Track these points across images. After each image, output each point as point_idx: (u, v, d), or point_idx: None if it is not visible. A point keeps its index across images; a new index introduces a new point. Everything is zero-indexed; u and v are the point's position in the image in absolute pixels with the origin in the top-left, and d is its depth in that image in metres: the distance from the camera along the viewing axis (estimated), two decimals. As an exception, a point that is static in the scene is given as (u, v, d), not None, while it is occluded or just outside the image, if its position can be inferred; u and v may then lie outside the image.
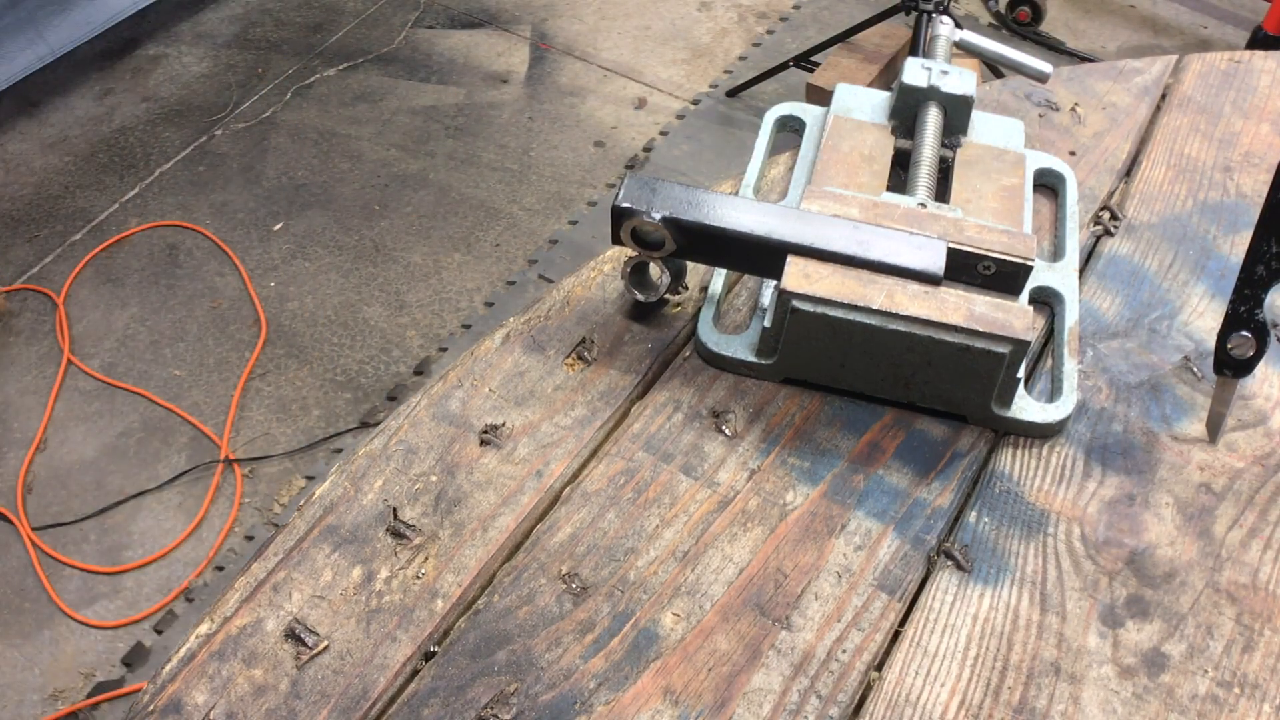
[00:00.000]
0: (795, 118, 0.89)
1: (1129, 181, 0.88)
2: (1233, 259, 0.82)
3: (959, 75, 0.81)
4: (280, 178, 2.39)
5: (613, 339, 0.75)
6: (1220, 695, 0.60)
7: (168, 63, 2.67)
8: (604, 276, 0.79)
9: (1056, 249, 0.81)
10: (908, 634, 0.62)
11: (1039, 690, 0.60)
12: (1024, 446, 0.71)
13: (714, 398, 0.72)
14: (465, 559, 0.64)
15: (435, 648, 0.60)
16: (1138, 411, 0.73)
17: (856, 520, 0.66)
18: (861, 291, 0.66)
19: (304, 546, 0.64)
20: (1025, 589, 0.64)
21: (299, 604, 0.62)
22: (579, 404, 0.71)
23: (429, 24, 2.79)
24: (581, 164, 2.45)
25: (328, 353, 2.08)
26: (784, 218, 0.68)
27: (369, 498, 0.66)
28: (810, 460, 0.69)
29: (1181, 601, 0.64)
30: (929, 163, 0.78)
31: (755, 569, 0.64)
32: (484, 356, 0.74)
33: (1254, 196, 0.87)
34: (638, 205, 0.67)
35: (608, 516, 0.66)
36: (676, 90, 2.64)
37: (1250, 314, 0.67)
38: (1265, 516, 0.68)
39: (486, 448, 0.69)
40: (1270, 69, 0.98)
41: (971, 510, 0.67)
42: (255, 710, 0.58)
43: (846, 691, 0.59)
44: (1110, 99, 0.95)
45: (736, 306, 0.77)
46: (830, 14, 2.86)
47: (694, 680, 0.59)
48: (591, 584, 0.63)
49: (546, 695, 0.59)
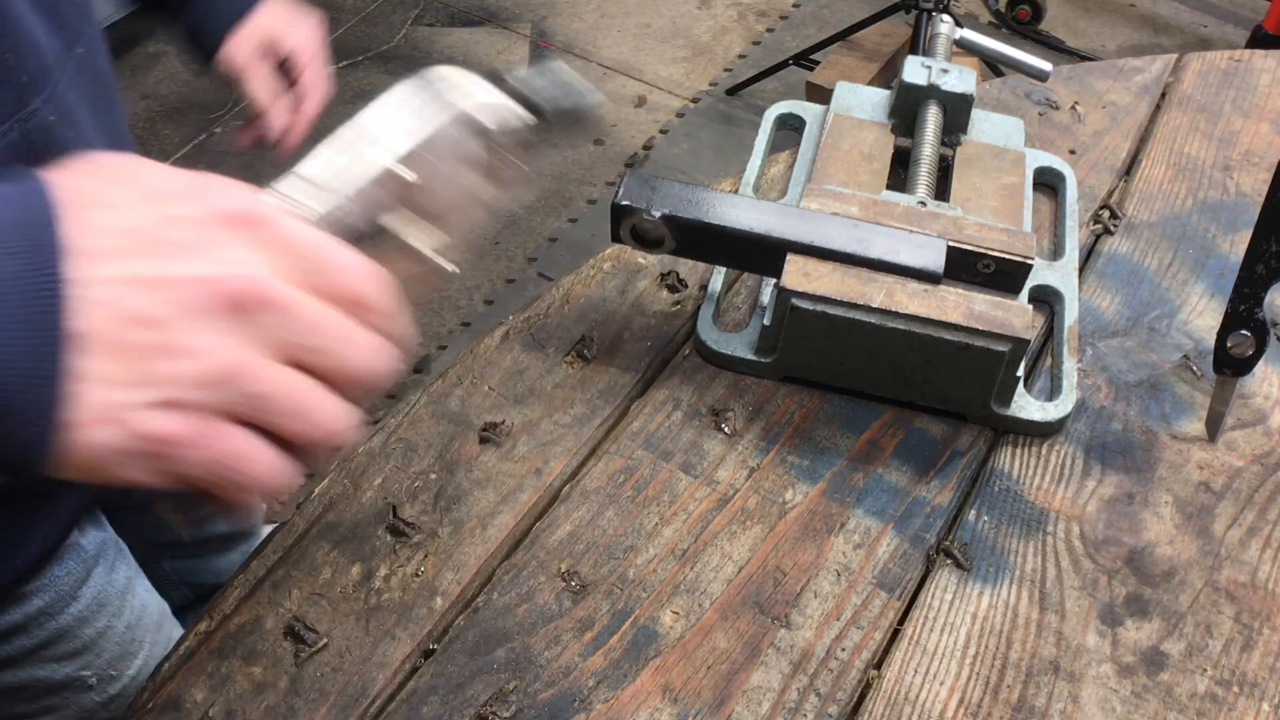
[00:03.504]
0: (795, 116, 0.89)
1: (1129, 180, 0.88)
2: (1232, 258, 0.82)
3: (959, 74, 0.81)
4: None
5: (612, 337, 0.75)
6: (1219, 694, 0.60)
7: (167, 60, 2.67)
8: (604, 274, 0.79)
9: (1056, 247, 0.81)
10: (907, 632, 0.62)
11: (1038, 689, 0.60)
12: (1023, 445, 0.71)
13: (713, 396, 0.72)
14: (464, 557, 0.64)
15: (434, 645, 0.60)
16: (1137, 410, 0.73)
17: (856, 519, 0.66)
18: (861, 290, 0.66)
19: (303, 544, 0.64)
20: (1024, 587, 0.64)
21: (298, 601, 0.62)
22: (578, 402, 0.71)
23: (429, 22, 2.79)
24: (581, 162, 2.45)
25: (327, 350, 2.08)
26: (784, 216, 0.68)
27: (368, 495, 0.66)
28: (810, 458, 0.69)
29: (1181, 600, 0.64)
30: (929, 161, 0.78)
31: (754, 567, 0.64)
32: (483, 354, 0.74)
33: (1254, 195, 0.87)
34: (637, 203, 0.67)
35: (607, 514, 0.66)
36: (676, 88, 2.64)
37: (1250, 313, 0.67)
38: (1264, 515, 0.68)
39: (486, 445, 0.69)
40: (1270, 68, 0.98)
41: (971, 509, 0.67)
42: (254, 708, 0.58)
43: (845, 690, 0.59)
44: (1110, 98, 0.95)
45: (736, 305, 0.77)
46: (830, 12, 2.86)
47: (693, 678, 0.59)
48: (591, 582, 0.63)
49: (545, 693, 0.59)
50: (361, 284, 0.40)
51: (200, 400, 0.37)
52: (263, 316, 0.38)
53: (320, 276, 0.39)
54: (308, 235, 0.40)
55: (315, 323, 0.39)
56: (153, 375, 0.37)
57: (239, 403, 0.38)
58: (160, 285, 0.37)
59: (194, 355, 0.37)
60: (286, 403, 0.39)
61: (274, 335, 0.38)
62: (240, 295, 0.37)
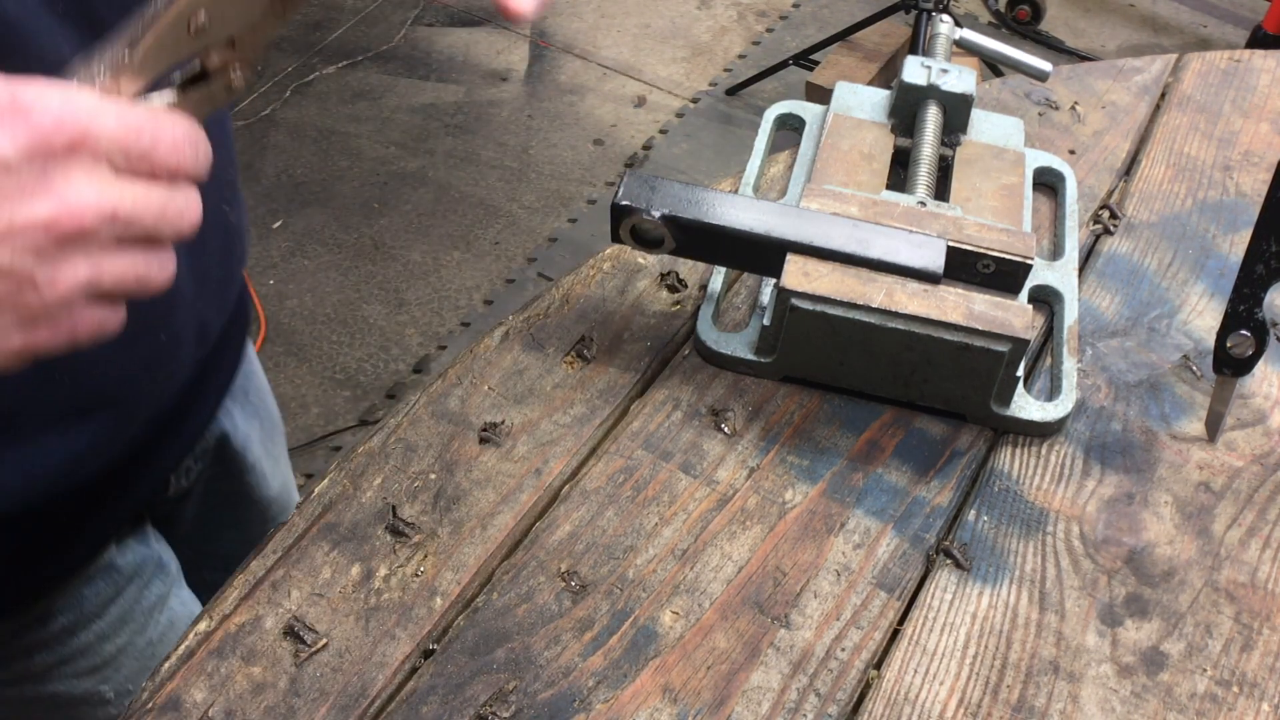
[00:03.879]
0: (795, 116, 0.89)
1: (1128, 180, 0.88)
2: (1232, 258, 0.82)
3: (959, 74, 0.81)
4: (279, 175, 2.39)
5: (612, 337, 0.75)
6: (1219, 694, 0.60)
7: None
8: (603, 274, 0.79)
9: (1056, 247, 0.81)
10: (906, 632, 0.62)
11: (1038, 689, 0.60)
12: (1023, 445, 0.71)
13: (713, 396, 0.72)
14: (464, 557, 0.64)
15: (434, 645, 0.60)
16: (1137, 410, 0.73)
17: (855, 519, 0.66)
18: (861, 290, 0.66)
19: (303, 544, 0.64)
20: (1024, 587, 0.64)
21: (298, 601, 0.62)
22: (578, 402, 0.71)
23: (428, 21, 2.79)
24: (581, 162, 2.45)
25: (327, 350, 2.08)
26: (783, 216, 0.68)
27: (368, 495, 0.66)
28: (809, 458, 0.69)
29: (1180, 600, 0.64)
30: (928, 161, 0.78)
31: (754, 567, 0.64)
32: (483, 354, 0.74)
33: (1253, 195, 0.87)
34: (637, 203, 0.67)
35: (607, 514, 0.66)
36: (676, 88, 2.64)
37: (1250, 313, 0.67)
38: (1264, 515, 0.68)
39: (486, 445, 0.69)
40: (1270, 68, 0.98)
41: (970, 509, 0.67)
42: (254, 708, 0.58)
43: (845, 690, 0.59)
44: (1110, 98, 0.95)
45: (736, 305, 0.77)
46: (830, 12, 2.86)
47: (693, 678, 0.59)
48: (590, 582, 0.63)
49: (545, 693, 0.59)
50: (174, 154, 0.46)
51: (55, 315, 0.44)
52: (99, 233, 0.44)
53: (141, 162, 0.45)
54: (122, 127, 0.44)
55: (140, 216, 0.45)
56: (11, 312, 0.43)
57: (90, 297, 0.45)
58: (3, 237, 0.42)
59: (49, 285, 0.43)
60: (126, 285, 0.46)
61: (108, 239, 0.45)
62: (79, 226, 0.43)
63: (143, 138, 0.45)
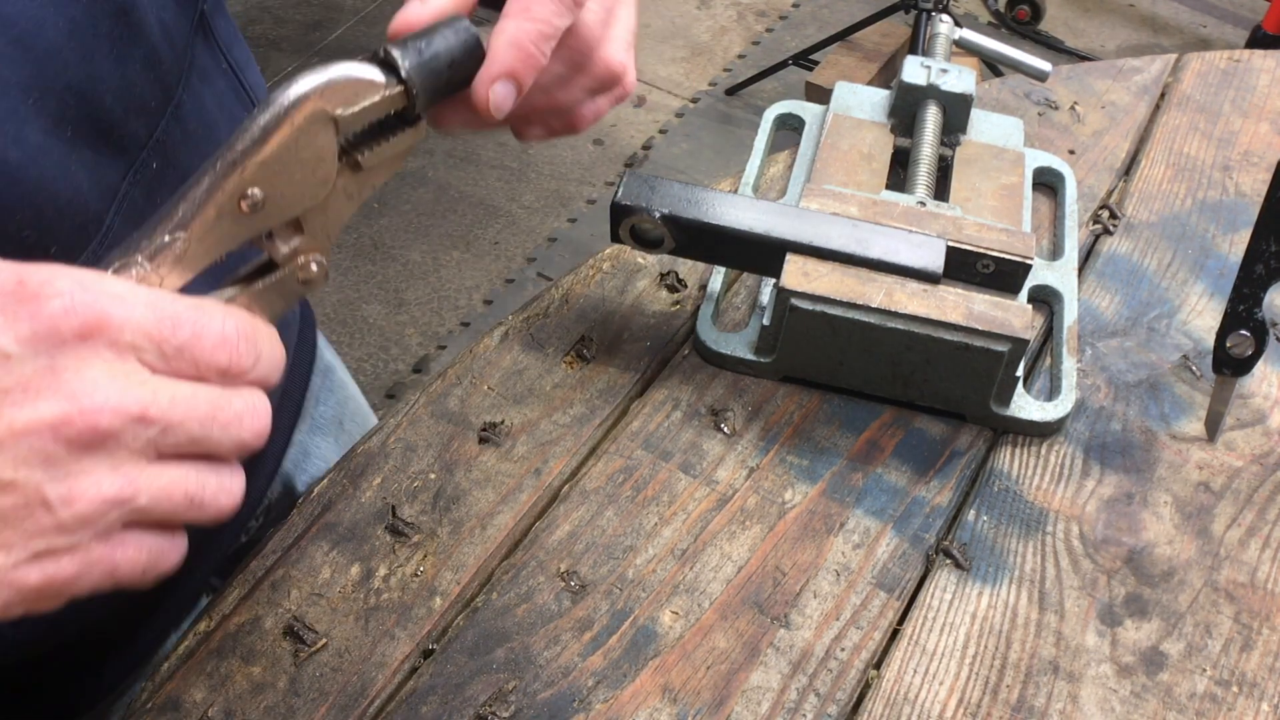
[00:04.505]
0: (794, 116, 0.89)
1: (1128, 180, 0.88)
2: (1232, 258, 0.82)
3: (958, 74, 0.81)
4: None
5: (612, 337, 0.75)
6: (1218, 694, 0.60)
7: None
8: (603, 274, 0.79)
9: (1055, 247, 0.81)
10: (906, 632, 0.62)
11: (1037, 689, 0.60)
12: (1023, 445, 0.71)
13: (713, 396, 0.72)
14: (464, 557, 0.64)
15: (434, 645, 0.60)
16: (1136, 410, 0.73)
17: (855, 518, 0.66)
18: (860, 290, 0.66)
19: (302, 544, 0.64)
20: (1024, 587, 0.64)
21: (297, 601, 0.62)
22: (578, 402, 0.71)
23: (428, 21, 2.78)
24: (580, 162, 2.45)
25: (326, 350, 2.08)
26: (783, 216, 0.68)
27: (367, 495, 0.66)
28: (809, 458, 0.69)
29: (1180, 600, 0.64)
30: (928, 161, 0.78)
31: (754, 567, 0.64)
32: (483, 354, 0.74)
33: (1253, 195, 0.87)
34: (637, 203, 0.67)
35: (606, 514, 0.66)
36: (675, 88, 2.64)
37: (1249, 313, 0.67)
38: (1264, 515, 0.68)
39: (485, 445, 0.69)
40: (1270, 68, 0.98)
41: (970, 509, 0.67)
42: (253, 707, 0.58)
43: (845, 689, 0.59)
44: (1109, 98, 0.95)
45: (735, 304, 0.77)
46: (829, 12, 2.86)
47: (692, 678, 0.59)
48: (590, 582, 0.63)
49: (545, 693, 0.59)
50: (222, 350, 0.38)
51: (77, 541, 0.36)
52: (124, 437, 0.36)
53: (180, 358, 0.37)
54: (153, 317, 0.37)
55: (180, 420, 0.37)
56: (21, 535, 0.35)
57: (124, 519, 0.37)
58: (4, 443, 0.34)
59: (64, 503, 0.35)
60: (171, 504, 0.38)
61: (142, 447, 0.37)
62: (94, 428, 0.35)
63: (180, 330, 0.37)
